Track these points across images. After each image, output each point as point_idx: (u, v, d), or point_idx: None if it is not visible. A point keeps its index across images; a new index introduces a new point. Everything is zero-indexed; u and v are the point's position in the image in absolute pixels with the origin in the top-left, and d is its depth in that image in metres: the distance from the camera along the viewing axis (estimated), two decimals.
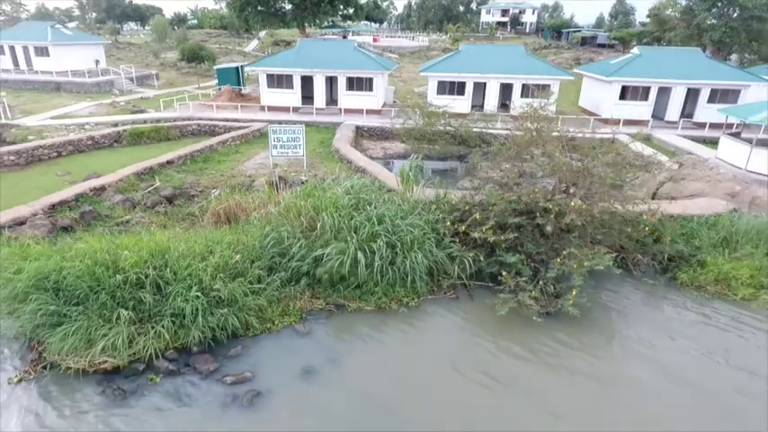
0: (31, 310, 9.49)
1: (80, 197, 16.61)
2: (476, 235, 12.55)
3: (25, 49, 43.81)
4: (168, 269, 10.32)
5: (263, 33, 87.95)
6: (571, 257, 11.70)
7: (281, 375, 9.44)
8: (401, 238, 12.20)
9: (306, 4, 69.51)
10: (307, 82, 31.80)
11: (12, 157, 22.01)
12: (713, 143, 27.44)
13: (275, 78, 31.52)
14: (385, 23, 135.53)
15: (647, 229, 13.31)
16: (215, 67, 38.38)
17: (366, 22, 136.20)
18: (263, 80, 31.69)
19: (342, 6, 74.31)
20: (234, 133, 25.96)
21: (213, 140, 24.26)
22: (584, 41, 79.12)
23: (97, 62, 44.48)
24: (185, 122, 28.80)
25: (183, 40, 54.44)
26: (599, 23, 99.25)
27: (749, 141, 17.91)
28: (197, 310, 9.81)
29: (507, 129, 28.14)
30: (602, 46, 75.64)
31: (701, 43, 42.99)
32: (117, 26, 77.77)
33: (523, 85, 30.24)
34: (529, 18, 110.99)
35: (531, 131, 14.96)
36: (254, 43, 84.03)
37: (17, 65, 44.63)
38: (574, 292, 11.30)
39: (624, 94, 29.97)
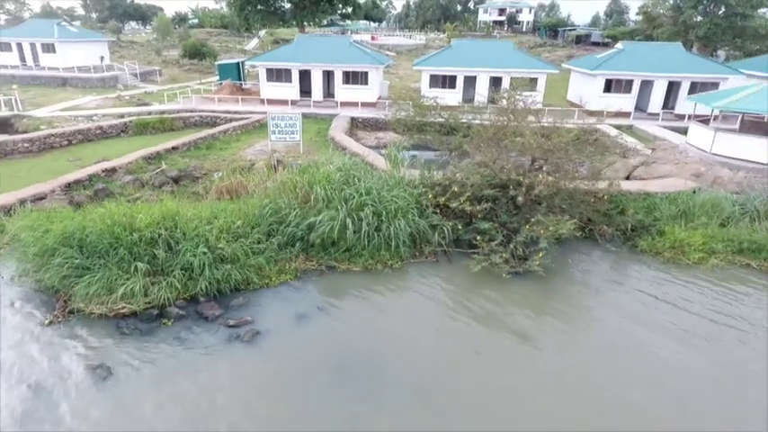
0: (58, 263, 10.85)
1: (93, 177, 17.98)
2: (454, 205, 13.93)
3: (32, 45, 45.14)
4: (178, 230, 11.68)
5: (263, 32, 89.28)
6: (539, 224, 13.06)
7: (278, 320, 10.80)
8: (386, 207, 13.56)
9: (305, 2, 70.76)
10: (305, 76, 33.13)
11: (26, 145, 23.37)
12: None
13: (274, 72, 32.86)
14: (384, 23, 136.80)
15: (606, 198, 14.65)
16: (216, 63, 39.73)
17: (365, 21, 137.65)
18: (262, 74, 33.03)
19: (340, 5, 75.53)
20: (235, 123, 27.31)
21: (215, 129, 25.61)
22: (579, 40, 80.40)
23: (102, 58, 45.83)
24: (188, 114, 30.15)
25: (185, 37, 55.65)
26: (594, 22, 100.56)
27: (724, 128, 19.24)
28: (204, 264, 11.17)
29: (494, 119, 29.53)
30: (596, 44, 76.87)
31: (687, 39, 44.35)
32: (119, 25, 78.78)
33: (512, 79, 31.51)
34: (525, 17, 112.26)
35: (508, 114, 16.30)
36: (254, 42, 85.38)
37: (24, 61, 45.94)
38: (540, 254, 12.66)
39: (608, 87, 31.29)
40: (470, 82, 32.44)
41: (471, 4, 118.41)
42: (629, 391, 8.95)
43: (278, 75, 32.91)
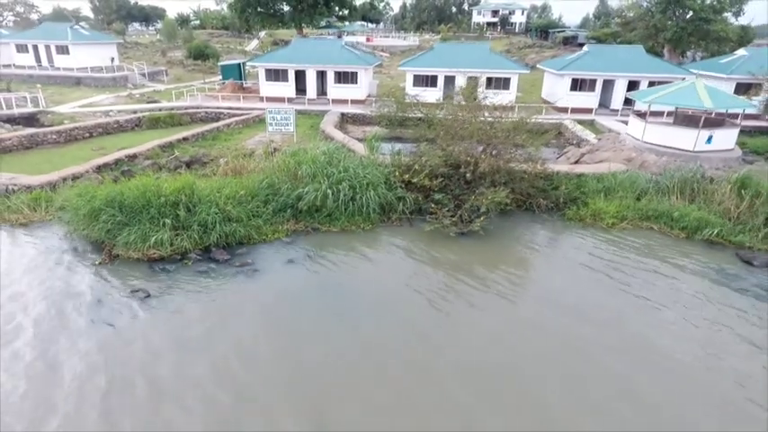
0: (104, 219, 14.18)
1: (118, 161, 21.28)
2: (416, 180, 17.26)
3: (47, 47, 48.51)
4: (195, 196, 15.00)
5: (262, 33, 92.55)
6: (481, 195, 16.39)
7: (272, 263, 14.13)
8: (360, 182, 16.88)
9: (303, 5, 74.13)
10: (300, 75, 36.46)
11: (54, 136, 26.70)
12: None
13: (272, 72, 36.21)
14: (381, 24, 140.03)
15: (540, 176, 17.92)
16: (219, 64, 43.02)
17: (362, 22, 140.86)
18: (261, 74, 36.37)
19: (337, 8, 78.87)
20: (237, 118, 30.64)
21: (219, 123, 28.93)
22: (567, 41, 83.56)
23: (113, 59, 49.17)
24: (195, 110, 33.51)
25: (190, 39, 58.92)
26: (584, 23, 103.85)
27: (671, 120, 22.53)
28: (216, 221, 14.49)
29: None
30: (581, 45, 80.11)
31: (657, 42, 47.65)
32: (123, 26, 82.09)
33: (488, 78, 34.87)
34: (518, 18, 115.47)
35: (461, 110, 19.60)
36: (254, 43, 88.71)
37: (39, 62, 49.29)
38: (482, 218, 15.98)
39: (575, 85, 34.60)
40: (450, 81, 35.75)
41: (466, 5, 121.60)
42: (540, 311, 12.28)
43: (276, 74, 36.25)
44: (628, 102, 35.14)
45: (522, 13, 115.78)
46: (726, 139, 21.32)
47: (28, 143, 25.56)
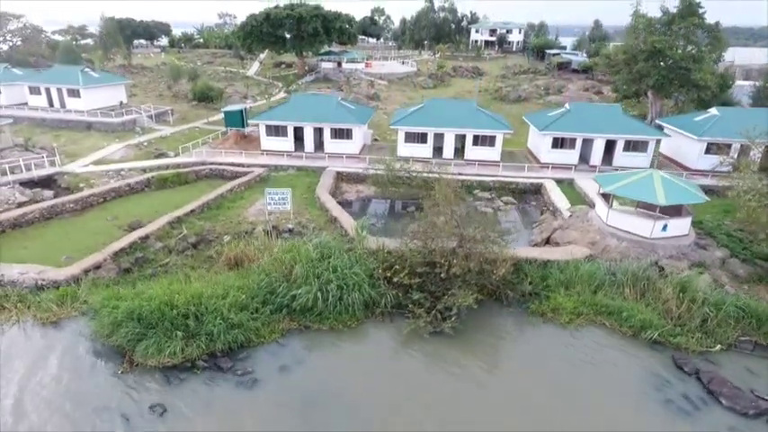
0: (124, 332, 16.55)
1: (132, 245, 23.61)
2: (395, 280, 19.59)
3: (59, 90, 50.95)
4: (202, 305, 17.37)
5: (263, 55, 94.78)
6: (453, 296, 18.72)
7: (270, 371, 16.47)
8: (347, 282, 19.22)
9: (303, 34, 76.44)
10: (298, 130, 38.80)
11: (71, 205, 29.11)
12: None
13: (273, 128, 38.54)
14: (381, 39, 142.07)
15: (508, 270, 20.08)
16: (223, 110, 45.28)
17: (362, 36, 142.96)
18: (262, 129, 38.70)
19: (336, 36, 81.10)
20: (239, 180, 32.94)
21: (223, 189, 31.22)
22: (561, 66, 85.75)
23: (121, 103, 51.59)
24: (200, 167, 35.91)
25: (194, 75, 61.28)
26: (580, 43, 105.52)
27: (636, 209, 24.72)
28: (220, 332, 16.85)
29: (456, 174, 35.15)
30: (575, 71, 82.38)
31: (640, 88, 49.72)
32: (129, 51, 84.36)
33: (474, 136, 37.15)
34: (515, 37, 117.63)
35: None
36: (255, 66, 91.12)
37: (51, 104, 51.75)
38: (453, 318, 18.30)
39: (556, 143, 36.82)
40: (439, 137, 38.03)
41: (464, 23, 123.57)
42: (499, 398, 14.62)
43: (276, 130, 38.60)
44: (608, 153, 37.38)
45: (520, 32, 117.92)
46: (680, 225, 23.55)
47: (48, 214, 27.96)
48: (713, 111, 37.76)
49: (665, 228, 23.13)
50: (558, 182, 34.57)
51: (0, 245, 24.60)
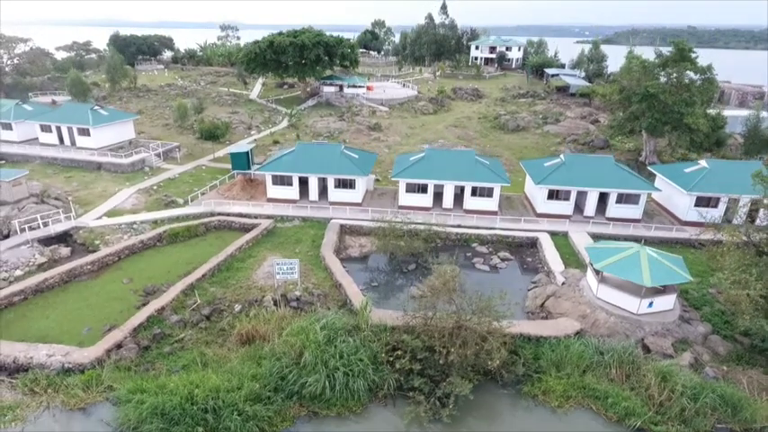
0: (148, 428, 18.03)
1: (150, 318, 25.05)
2: (397, 366, 21.07)
3: (69, 129, 52.44)
4: (220, 399, 18.84)
5: (262, 80, 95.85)
6: (450, 384, 20.21)
7: None
8: (352, 368, 20.69)
9: (306, 61, 77.90)
10: (303, 180, 40.28)
11: (88, 266, 30.60)
12: (614, 239, 35.85)
13: (278, 178, 40.02)
14: (382, 54, 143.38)
15: (502, 355, 21.50)
16: (229, 152, 46.74)
17: (363, 49, 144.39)
18: (268, 179, 40.19)
19: (338, 61, 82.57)
20: (247, 237, 34.37)
21: (232, 248, 32.64)
22: (559, 89, 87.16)
23: (130, 142, 53.09)
24: (209, 219, 37.38)
25: (200, 110, 62.69)
26: (579, 61, 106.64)
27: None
28: (237, 427, 18.33)
29: (455, 225, 36.62)
30: (572, 95, 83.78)
31: (633, 129, 51.19)
32: (134, 77, 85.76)
33: (473, 188, 38.61)
34: (515, 54, 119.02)
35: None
36: (258, 87, 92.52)
37: (62, 141, 53.26)
38: (451, 406, 19.77)
39: (551, 195, 38.27)
40: (439, 187, 39.50)
41: (465, 40, 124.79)
42: None
43: (281, 180, 40.07)
44: (602, 202, 38.81)
45: (519, 50, 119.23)
46: (666, 302, 25.00)
47: (67, 277, 29.46)
48: (703, 163, 39.17)
49: (650, 305, 24.59)
50: (553, 234, 36.07)
51: (25, 314, 26.17)
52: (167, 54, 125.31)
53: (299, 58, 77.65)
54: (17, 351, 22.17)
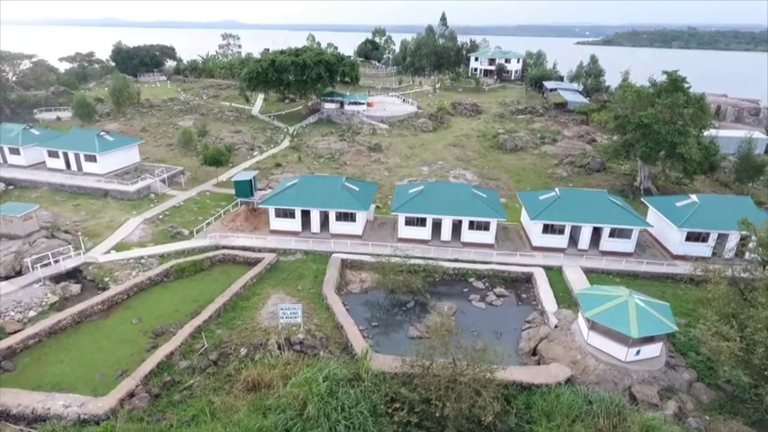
0: None
1: (160, 364, 26.22)
2: (396, 418, 22.25)
3: (76, 155, 53.61)
4: None
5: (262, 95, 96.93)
6: None
7: None
8: (353, 422, 21.85)
9: (307, 79, 79.04)
10: (305, 211, 41.47)
11: (99, 306, 31.78)
12: (607, 274, 37.06)
13: (281, 211, 41.22)
14: (382, 64, 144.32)
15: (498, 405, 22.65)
16: (233, 180, 47.99)
17: (362, 58, 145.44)
18: (271, 212, 41.38)
19: (339, 78, 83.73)
20: (251, 273, 35.53)
21: (236, 287, 33.77)
22: (558, 105, 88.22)
23: (135, 168, 54.30)
24: (213, 253, 38.57)
25: (203, 132, 63.84)
26: (578, 74, 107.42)
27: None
28: None
29: (452, 259, 37.77)
30: (570, 112, 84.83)
31: (628, 156, 52.38)
32: (137, 88, 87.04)
33: (470, 221, 39.76)
34: (514, 66, 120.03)
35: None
36: (259, 102, 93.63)
37: (69, 166, 54.43)
38: None
39: (546, 229, 39.41)
40: (438, 218, 40.67)
41: (464, 51, 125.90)
42: None
43: (284, 213, 41.27)
44: (596, 234, 39.95)
45: (518, 62, 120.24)
46: (652, 349, 26.13)
47: (78, 318, 30.63)
48: (694, 197, 40.29)
49: (638, 353, 25.73)
50: (548, 269, 37.23)
51: (40, 357, 27.37)
52: (169, 63, 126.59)
53: (301, 76, 78.81)
54: (35, 402, 23.33)
